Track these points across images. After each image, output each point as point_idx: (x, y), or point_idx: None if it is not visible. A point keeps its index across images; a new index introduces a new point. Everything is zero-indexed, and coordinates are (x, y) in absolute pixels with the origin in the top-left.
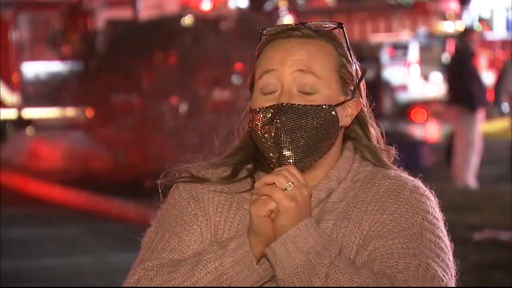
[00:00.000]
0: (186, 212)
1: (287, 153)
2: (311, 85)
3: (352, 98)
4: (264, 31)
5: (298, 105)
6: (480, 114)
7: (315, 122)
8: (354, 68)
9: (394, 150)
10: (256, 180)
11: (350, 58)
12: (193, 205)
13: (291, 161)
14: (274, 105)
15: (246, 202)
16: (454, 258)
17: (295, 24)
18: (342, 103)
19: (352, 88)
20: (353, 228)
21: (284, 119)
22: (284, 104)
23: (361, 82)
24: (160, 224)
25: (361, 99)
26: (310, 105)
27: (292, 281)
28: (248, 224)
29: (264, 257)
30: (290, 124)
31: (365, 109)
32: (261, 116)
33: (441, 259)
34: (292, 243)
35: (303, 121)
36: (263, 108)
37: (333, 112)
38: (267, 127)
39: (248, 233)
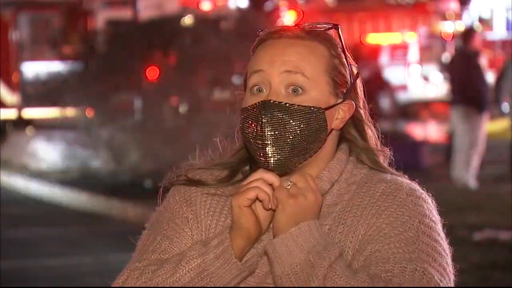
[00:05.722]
0: (178, 215)
1: (270, 149)
2: (299, 85)
3: (343, 101)
4: (261, 33)
5: (286, 103)
6: (486, 115)
7: (301, 123)
8: (348, 70)
9: (389, 151)
10: None
11: (344, 60)
12: (185, 208)
13: (274, 159)
14: (260, 101)
15: None
16: (453, 259)
17: (288, 25)
18: (332, 107)
19: (344, 91)
20: (348, 233)
21: (269, 115)
22: (271, 100)
23: (358, 84)
24: (153, 227)
25: (353, 102)
26: (298, 105)
27: (289, 279)
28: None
29: (247, 252)
30: (275, 121)
31: (361, 111)
32: (249, 113)
33: (438, 263)
34: (294, 241)
35: (288, 120)
36: (250, 105)
37: (321, 115)
38: (253, 124)
39: (230, 228)
